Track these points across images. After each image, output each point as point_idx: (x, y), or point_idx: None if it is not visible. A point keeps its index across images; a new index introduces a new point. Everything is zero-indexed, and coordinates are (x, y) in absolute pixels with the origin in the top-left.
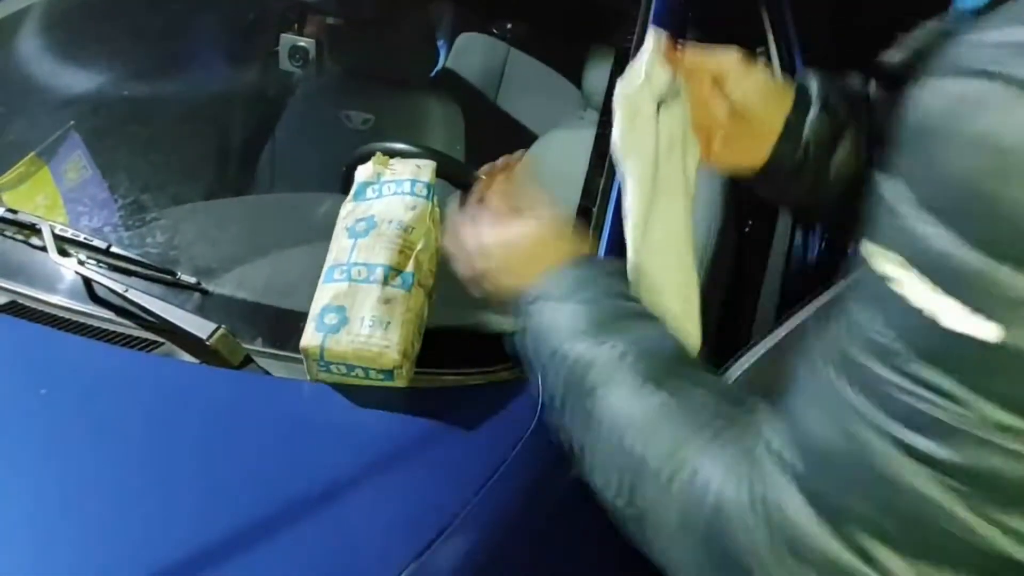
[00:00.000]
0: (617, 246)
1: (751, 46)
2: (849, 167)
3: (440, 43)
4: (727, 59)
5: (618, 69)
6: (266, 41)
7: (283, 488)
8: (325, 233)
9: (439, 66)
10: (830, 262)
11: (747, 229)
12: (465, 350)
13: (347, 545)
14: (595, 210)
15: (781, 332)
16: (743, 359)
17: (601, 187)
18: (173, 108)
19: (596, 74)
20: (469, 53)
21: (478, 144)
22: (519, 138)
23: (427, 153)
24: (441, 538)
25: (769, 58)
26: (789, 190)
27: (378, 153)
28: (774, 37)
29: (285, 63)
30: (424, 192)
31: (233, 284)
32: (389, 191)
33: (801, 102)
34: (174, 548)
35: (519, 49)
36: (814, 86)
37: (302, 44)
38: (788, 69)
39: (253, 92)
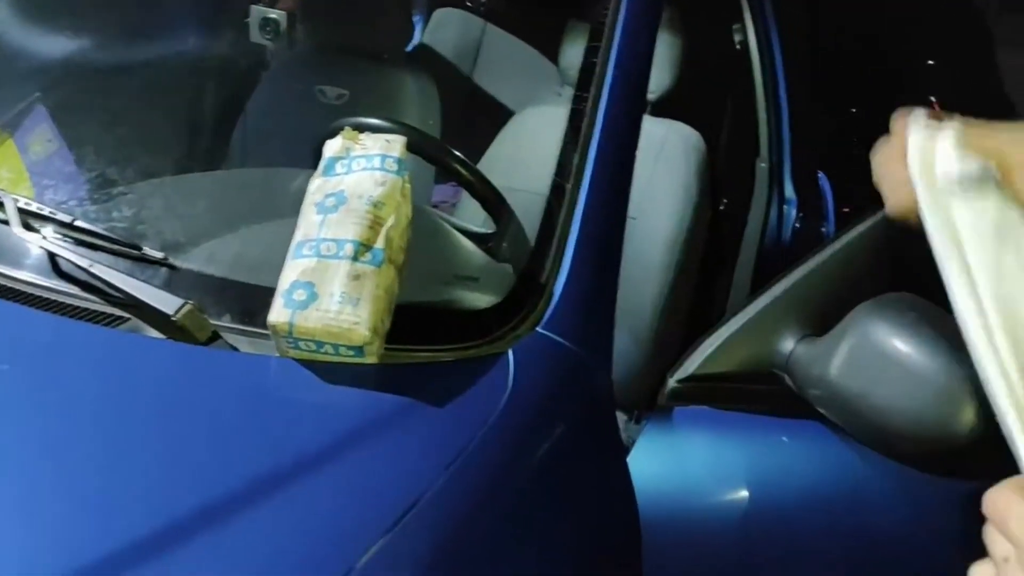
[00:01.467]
0: (592, 224)
1: (727, 22)
2: None
3: (416, 18)
4: None
5: (593, 45)
6: (238, 12)
7: (251, 465)
8: (296, 209)
9: (415, 41)
10: (804, 238)
11: (722, 207)
12: (437, 326)
13: (316, 521)
14: (569, 187)
15: (756, 306)
16: (719, 332)
17: (575, 164)
18: (142, 80)
19: (572, 50)
20: (445, 28)
21: (454, 120)
22: (495, 114)
23: (398, 128)
24: (410, 514)
25: (745, 35)
26: None
27: (347, 128)
28: (751, 13)
29: (256, 35)
30: (394, 167)
31: (201, 259)
32: (359, 166)
33: None
34: (141, 524)
35: (496, 24)
36: None
37: (273, 16)
38: (765, 44)
39: (224, 64)
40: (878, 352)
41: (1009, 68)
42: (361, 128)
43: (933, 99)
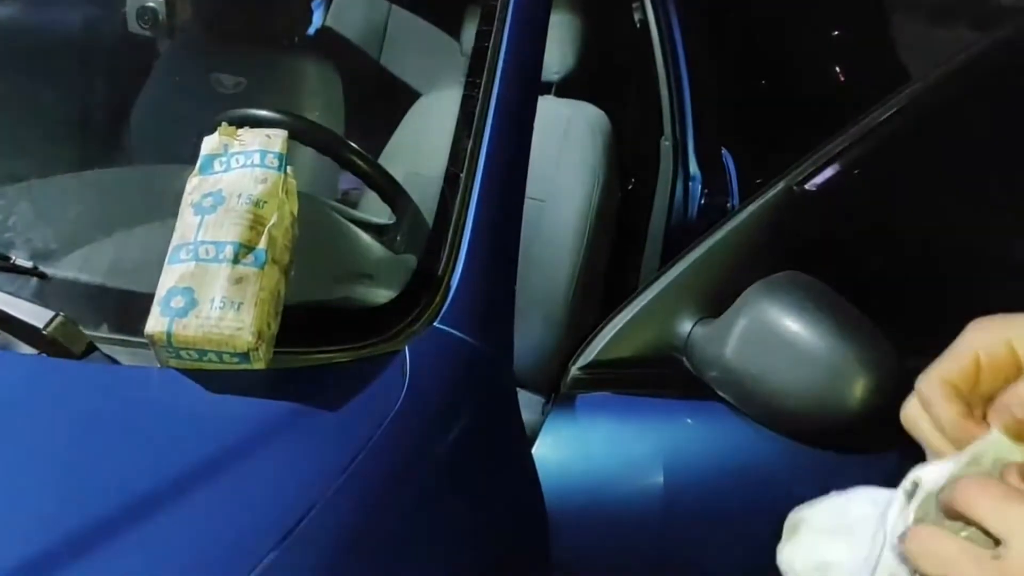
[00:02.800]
0: (487, 214)
1: (628, 1)
2: None
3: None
4: None
5: (484, 28)
6: (115, 1)
7: (135, 481)
8: (177, 209)
9: (318, 24)
10: (710, 214)
11: (630, 187)
12: (329, 326)
13: (207, 534)
14: (463, 176)
15: (654, 289)
16: (631, 305)
17: (469, 152)
18: (15, 75)
19: (469, 33)
20: (350, 10)
21: (359, 105)
22: (403, 98)
23: (288, 119)
24: (305, 520)
25: (644, 13)
26: None
27: (224, 124)
28: None
29: (133, 25)
30: (275, 163)
31: (75, 267)
32: (237, 163)
33: None
34: (21, 545)
35: (401, 6)
36: None
37: (151, 4)
38: (664, 22)
39: (103, 57)
40: (769, 332)
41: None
42: (245, 121)
43: (838, 69)
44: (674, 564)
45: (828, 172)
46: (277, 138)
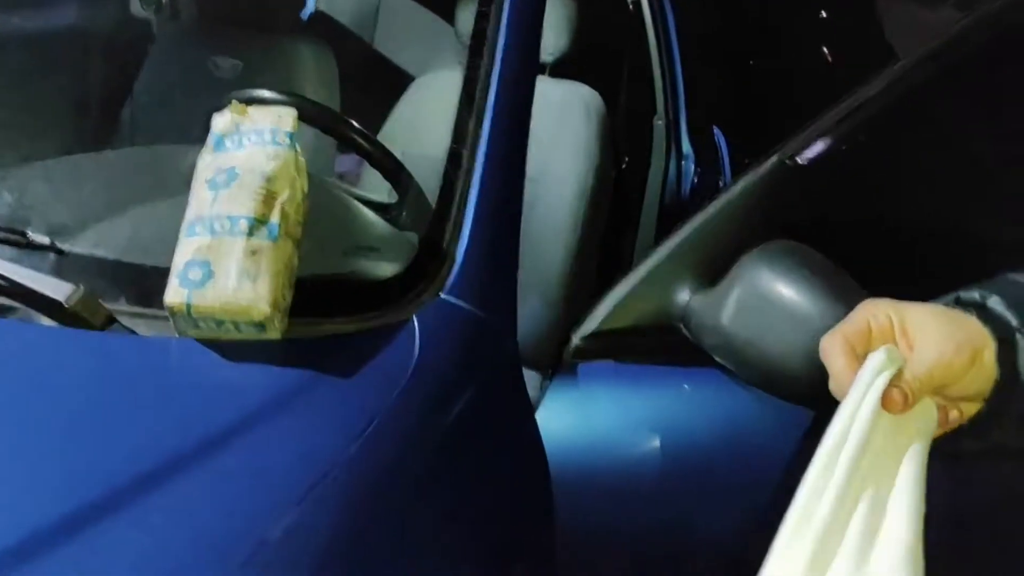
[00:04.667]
0: (490, 188)
1: None
2: None
3: None
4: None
5: (483, 10)
6: None
7: (157, 447)
8: (188, 187)
9: (311, 9)
10: (703, 191)
11: (624, 166)
12: (340, 298)
13: (225, 497)
14: (465, 153)
15: (653, 261)
16: (631, 276)
17: (471, 129)
18: (19, 58)
19: (465, 15)
20: None
21: (354, 88)
22: (397, 81)
23: (290, 100)
24: (320, 486)
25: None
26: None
27: (234, 102)
28: None
29: (136, 7)
30: (286, 141)
31: (91, 243)
32: (249, 141)
33: (1003, 336)
34: (47, 512)
35: None
36: (1006, 311)
37: None
38: (656, 3)
39: (107, 39)
40: (764, 298)
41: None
42: (251, 101)
43: (825, 50)
44: (673, 526)
45: (820, 145)
46: (288, 117)
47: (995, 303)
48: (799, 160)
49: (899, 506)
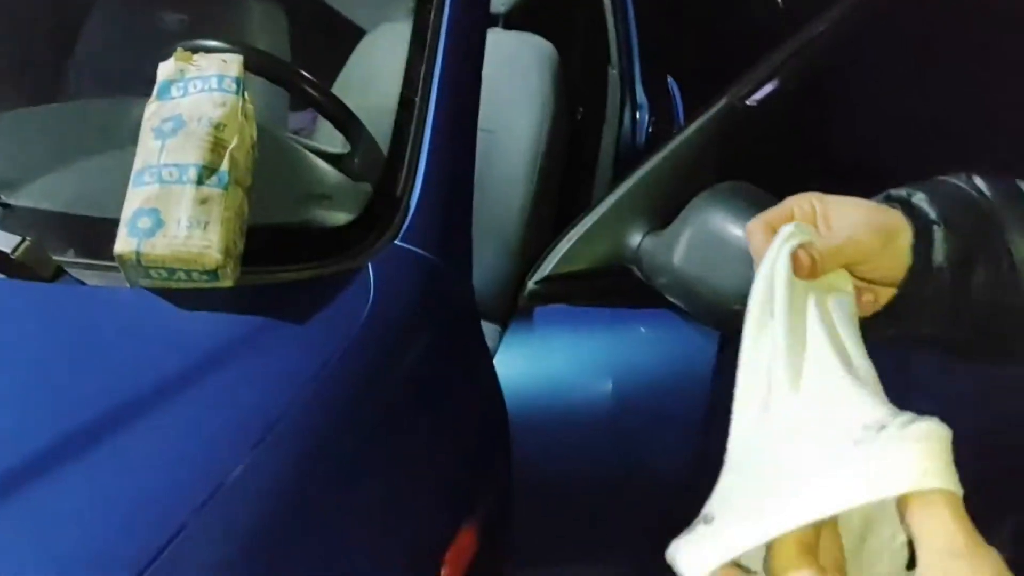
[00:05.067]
0: (443, 135)
1: None
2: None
3: None
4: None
5: None
6: None
7: (111, 394)
8: (135, 139)
9: None
10: (657, 141)
11: (579, 116)
12: (293, 246)
13: (183, 441)
14: (418, 100)
15: (605, 204)
16: (584, 221)
17: (422, 76)
18: None
19: None
20: None
21: (304, 42)
22: (348, 35)
23: (237, 48)
24: (277, 428)
25: None
26: (931, 325)
27: (179, 49)
28: None
29: None
30: (233, 87)
31: (38, 196)
32: (195, 88)
33: (921, 229)
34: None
35: None
36: (927, 206)
37: None
38: None
39: None
40: (714, 237)
41: None
42: (197, 51)
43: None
44: (628, 462)
45: (768, 88)
46: (233, 62)
47: (919, 199)
48: (748, 102)
49: (827, 344)
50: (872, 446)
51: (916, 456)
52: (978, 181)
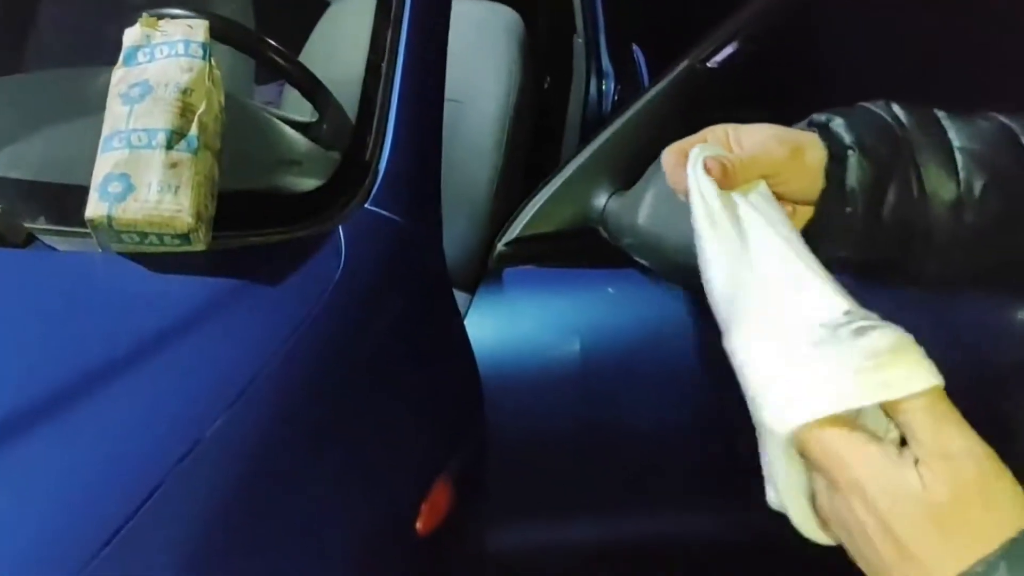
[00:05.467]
0: (411, 99)
1: None
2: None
3: None
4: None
5: None
6: None
7: (86, 357)
8: (102, 107)
9: None
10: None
11: (546, 85)
12: (264, 210)
13: (160, 400)
14: (384, 64)
15: (571, 167)
16: (551, 184)
17: (389, 40)
18: None
19: None
20: None
21: (269, 13)
22: (310, 7)
23: (202, 17)
24: (251, 388)
25: None
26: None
27: (145, 15)
28: None
29: None
30: (200, 52)
31: (7, 164)
32: (162, 54)
33: (836, 152)
34: None
35: None
36: (844, 131)
37: None
38: None
39: None
40: (677, 197)
41: None
42: (163, 18)
43: None
44: (598, 421)
45: (729, 49)
46: (199, 28)
47: (837, 124)
48: (709, 64)
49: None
50: (843, 348)
51: (901, 362)
52: (896, 108)
